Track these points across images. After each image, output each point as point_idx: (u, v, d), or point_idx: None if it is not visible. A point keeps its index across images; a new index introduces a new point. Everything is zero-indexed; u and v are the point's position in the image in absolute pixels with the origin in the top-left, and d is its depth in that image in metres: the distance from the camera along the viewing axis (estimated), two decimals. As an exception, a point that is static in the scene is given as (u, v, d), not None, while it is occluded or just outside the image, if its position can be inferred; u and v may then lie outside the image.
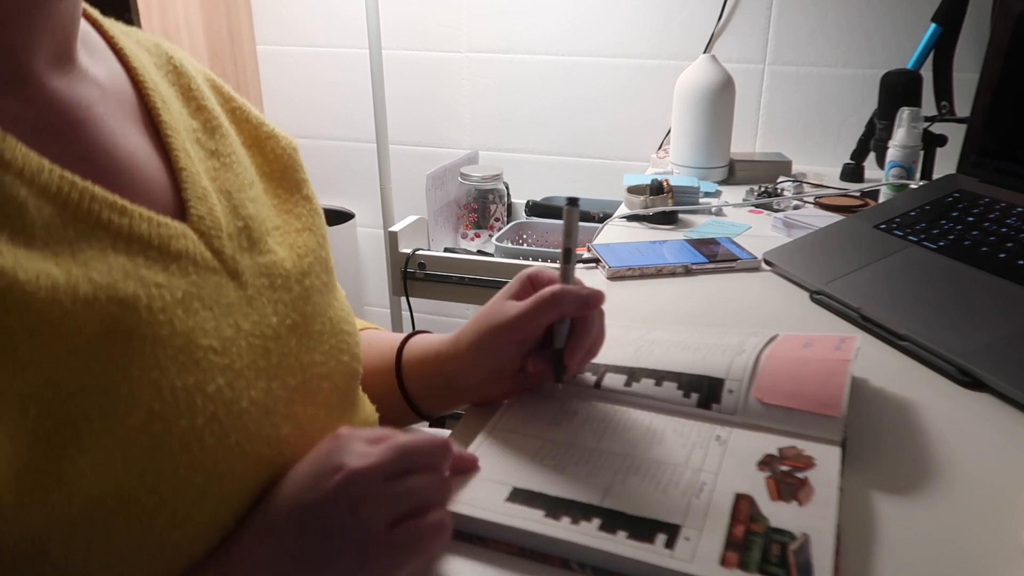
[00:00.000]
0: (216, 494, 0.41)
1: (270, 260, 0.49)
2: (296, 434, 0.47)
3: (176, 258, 0.42)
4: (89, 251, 0.38)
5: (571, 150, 1.78)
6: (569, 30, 1.68)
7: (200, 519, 0.40)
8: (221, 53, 1.81)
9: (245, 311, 0.46)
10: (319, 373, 0.50)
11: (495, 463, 0.50)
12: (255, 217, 0.50)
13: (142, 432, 0.38)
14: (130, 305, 0.38)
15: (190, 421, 0.39)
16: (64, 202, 0.38)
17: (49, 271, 0.36)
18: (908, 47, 1.44)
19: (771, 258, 0.90)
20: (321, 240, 0.56)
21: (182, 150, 0.48)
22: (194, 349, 0.41)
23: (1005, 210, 0.85)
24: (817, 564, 0.41)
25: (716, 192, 1.28)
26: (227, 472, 0.41)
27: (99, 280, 0.38)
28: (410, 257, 1.46)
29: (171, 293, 0.41)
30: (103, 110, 0.45)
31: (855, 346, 0.61)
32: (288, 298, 0.49)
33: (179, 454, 0.39)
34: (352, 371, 0.55)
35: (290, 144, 0.58)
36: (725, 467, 0.50)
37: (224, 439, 0.41)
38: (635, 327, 0.69)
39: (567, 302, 0.55)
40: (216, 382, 0.42)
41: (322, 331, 0.52)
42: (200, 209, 0.46)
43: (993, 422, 0.58)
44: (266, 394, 0.45)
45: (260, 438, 0.44)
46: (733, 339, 0.63)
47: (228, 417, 0.42)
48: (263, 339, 0.46)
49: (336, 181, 1.97)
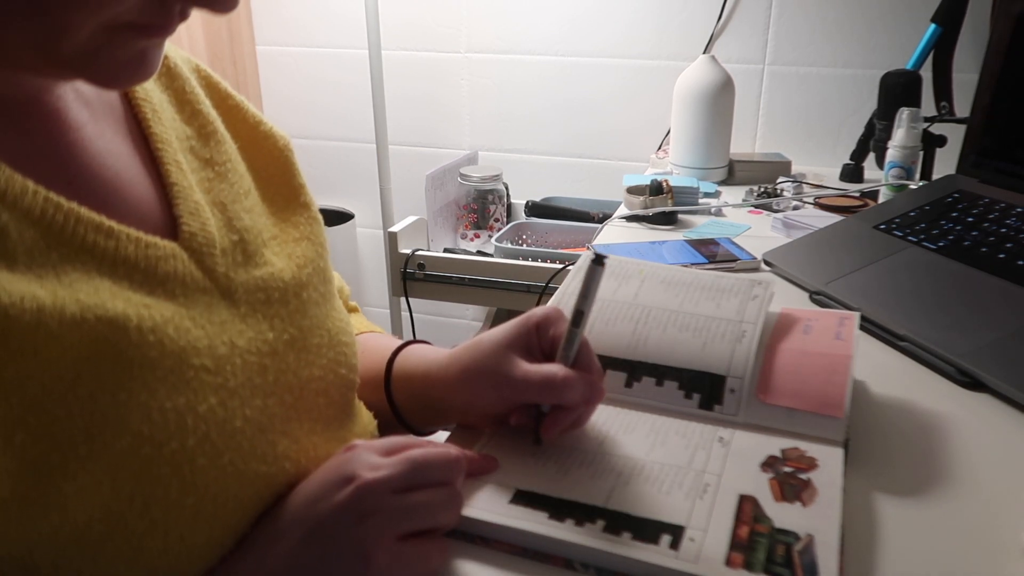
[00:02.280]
0: (210, 515, 0.40)
1: (267, 273, 0.48)
2: (293, 449, 0.46)
3: (163, 281, 0.42)
4: (74, 273, 0.38)
5: (571, 150, 1.78)
6: (569, 30, 1.68)
7: (195, 541, 0.40)
8: (221, 53, 1.81)
9: (239, 328, 0.45)
10: (316, 388, 0.50)
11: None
12: (251, 229, 0.49)
13: (130, 455, 0.37)
14: (119, 325, 0.38)
15: (180, 443, 0.39)
16: (48, 225, 0.37)
17: (34, 293, 0.35)
18: (908, 47, 1.44)
19: (771, 258, 0.91)
20: (320, 249, 0.55)
21: (173, 163, 0.47)
22: (185, 369, 0.40)
23: (1005, 210, 0.85)
24: (822, 565, 0.41)
25: (716, 192, 1.28)
26: (221, 492, 0.41)
27: (86, 301, 0.37)
28: (410, 257, 1.46)
29: (160, 313, 0.40)
30: (91, 131, 0.44)
31: (855, 327, 0.61)
32: (285, 312, 0.49)
33: (169, 476, 0.38)
34: (349, 383, 0.54)
35: (286, 145, 0.57)
36: (728, 469, 0.50)
37: (217, 459, 0.41)
38: (628, 279, 0.67)
39: (568, 393, 0.50)
40: (208, 401, 0.41)
41: (320, 344, 0.51)
42: (192, 225, 0.45)
43: (993, 422, 0.58)
44: (261, 412, 0.45)
45: (255, 456, 0.43)
46: (731, 306, 0.63)
47: (221, 437, 0.41)
48: (259, 355, 0.46)
49: (336, 181, 1.97)
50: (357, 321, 0.70)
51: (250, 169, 0.54)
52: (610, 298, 0.65)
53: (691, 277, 0.67)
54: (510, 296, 1.40)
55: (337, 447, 0.50)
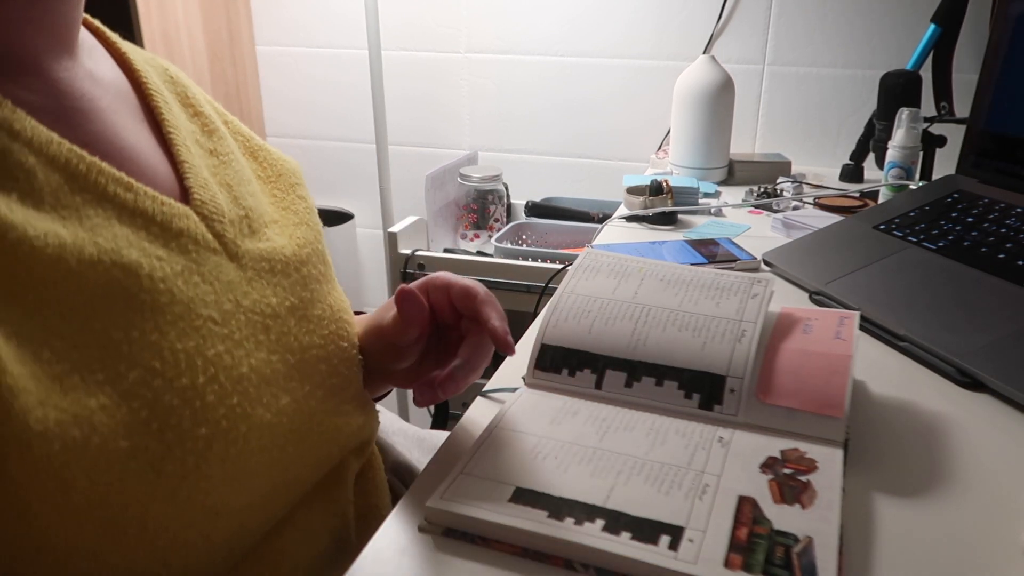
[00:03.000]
0: (221, 450, 0.42)
1: (270, 247, 0.51)
2: (294, 408, 0.48)
3: (177, 236, 0.44)
4: (95, 218, 0.40)
5: (570, 151, 1.78)
6: (569, 31, 1.68)
7: (209, 472, 0.41)
8: (220, 54, 1.80)
9: (244, 290, 0.47)
10: (317, 355, 0.51)
11: (497, 463, 0.50)
12: (255, 209, 0.52)
13: (143, 386, 0.39)
14: (132, 271, 0.40)
15: (191, 379, 0.41)
16: (72, 172, 0.40)
17: (57, 231, 0.37)
18: (907, 48, 1.44)
19: (770, 259, 0.91)
20: (317, 235, 0.57)
21: (183, 146, 0.49)
22: (194, 317, 0.42)
23: (1004, 210, 0.85)
24: (821, 566, 0.41)
25: (715, 193, 1.28)
26: (231, 429, 0.42)
27: (104, 245, 0.39)
28: (409, 258, 1.46)
29: (171, 266, 0.42)
30: (106, 104, 0.46)
31: (855, 326, 0.61)
32: (287, 283, 0.51)
33: (181, 407, 0.40)
34: (351, 357, 0.55)
35: (291, 162, 0.61)
36: (728, 469, 0.50)
37: (225, 399, 0.42)
38: (627, 277, 0.67)
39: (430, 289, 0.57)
40: (216, 348, 0.43)
41: (322, 316, 0.53)
42: (203, 195, 0.47)
43: (993, 423, 0.58)
44: (266, 364, 0.46)
45: (261, 404, 0.45)
46: (731, 305, 0.63)
47: (229, 380, 0.43)
48: (262, 316, 0.47)
49: (335, 182, 1.97)
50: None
51: (249, 168, 0.56)
52: (609, 296, 0.65)
53: (691, 275, 0.67)
54: (510, 296, 1.40)
55: (337, 420, 0.52)
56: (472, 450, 0.52)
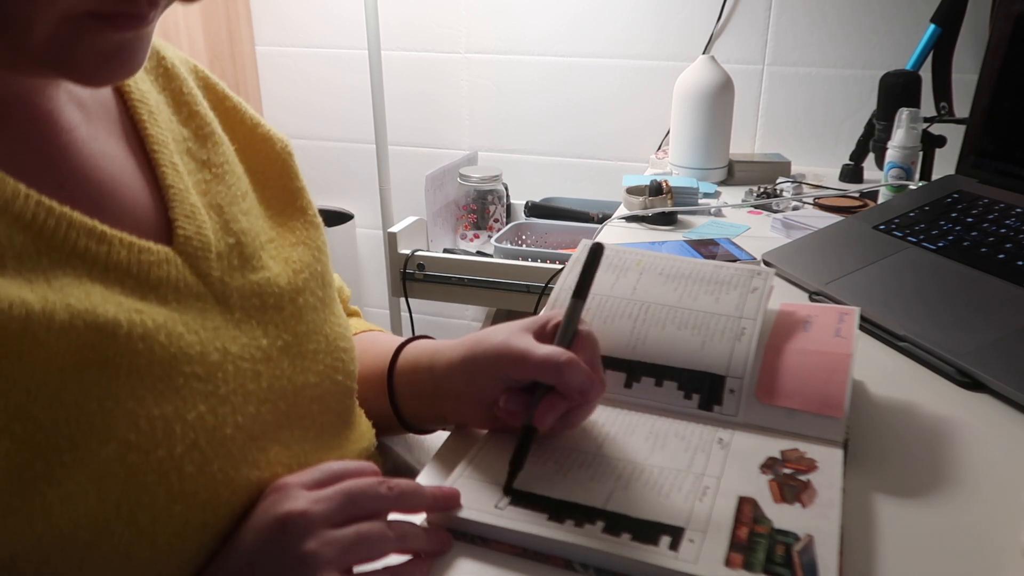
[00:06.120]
0: (199, 523, 0.40)
1: (263, 278, 0.48)
2: (285, 455, 0.46)
3: (156, 286, 0.41)
4: (64, 278, 0.37)
5: (570, 151, 1.78)
6: (568, 31, 1.68)
7: (185, 549, 0.39)
8: (220, 54, 1.80)
9: (233, 334, 0.45)
10: (311, 395, 0.49)
11: (498, 466, 0.50)
12: (248, 231, 0.49)
13: (116, 463, 0.36)
14: (108, 332, 0.37)
15: (168, 450, 0.38)
16: (39, 230, 0.37)
17: (23, 298, 0.34)
18: (907, 48, 1.44)
19: (770, 259, 0.91)
20: (317, 253, 0.54)
21: (169, 165, 0.46)
22: (175, 376, 0.40)
23: (1004, 211, 0.85)
24: (822, 564, 0.41)
25: (715, 193, 1.28)
26: (211, 500, 0.40)
27: (76, 306, 0.36)
28: (409, 258, 1.46)
29: (152, 319, 0.40)
30: (85, 133, 0.43)
31: (855, 323, 0.61)
32: (280, 318, 0.48)
33: (156, 484, 0.38)
34: (346, 389, 0.54)
35: (284, 148, 0.57)
36: (727, 471, 0.50)
37: (205, 467, 0.40)
38: (626, 271, 0.67)
39: (569, 375, 0.48)
40: (197, 409, 0.40)
41: (317, 350, 0.51)
42: (188, 229, 0.45)
43: (992, 423, 0.58)
44: (254, 419, 0.44)
45: (246, 462, 0.43)
46: (730, 300, 0.62)
47: (210, 444, 0.41)
48: (252, 362, 0.45)
49: (335, 182, 1.97)
50: (356, 323, 0.70)
51: (248, 171, 0.54)
52: (608, 293, 0.64)
53: (690, 268, 0.66)
54: (510, 296, 1.40)
55: (330, 455, 0.50)
56: (472, 453, 0.52)
